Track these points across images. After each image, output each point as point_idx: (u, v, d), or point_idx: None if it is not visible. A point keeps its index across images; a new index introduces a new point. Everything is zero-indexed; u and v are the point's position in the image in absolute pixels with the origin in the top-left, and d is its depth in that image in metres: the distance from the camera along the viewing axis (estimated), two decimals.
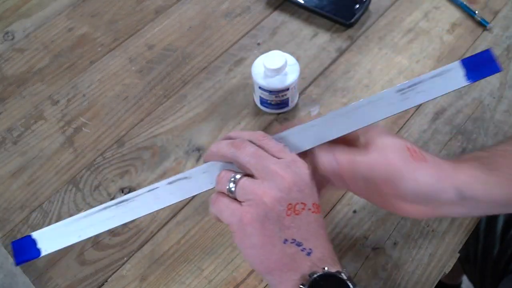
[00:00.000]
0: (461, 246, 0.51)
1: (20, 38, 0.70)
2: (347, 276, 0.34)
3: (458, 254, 0.50)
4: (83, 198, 0.55)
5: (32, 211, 0.55)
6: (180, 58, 0.67)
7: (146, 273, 0.51)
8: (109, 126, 0.61)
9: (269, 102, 0.58)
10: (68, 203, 0.55)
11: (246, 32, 0.69)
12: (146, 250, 0.52)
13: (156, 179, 0.56)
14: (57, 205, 0.55)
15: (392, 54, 0.66)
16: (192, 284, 0.50)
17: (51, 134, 0.61)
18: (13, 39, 0.70)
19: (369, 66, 0.65)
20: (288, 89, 0.56)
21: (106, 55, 0.68)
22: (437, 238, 0.51)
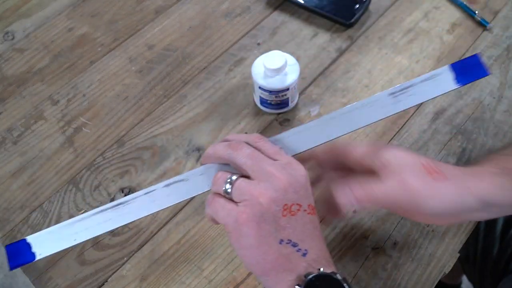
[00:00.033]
0: (461, 246, 0.51)
1: (20, 38, 0.70)
2: (342, 277, 0.34)
3: (458, 254, 0.50)
4: (83, 198, 0.55)
5: (32, 211, 0.55)
6: (180, 58, 0.67)
7: (146, 273, 0.51)
8: (109, 126, 0.61)
9: (269, 102, 0.58)
10: (68, 203, 0.55)
11: (246, 32, 0.69)
12: (146, 250, 0.52)
13: (156, 179, 0.56)
14: (57, 205, 0.55)
15: (392, 54, 0.66)
16: (192, 284, 0.50)
17: (51, 134, 0.61)
18: (13, 39, 0.70)
19: (369, 66, 0.65)
20: (288, 89, 0.56)
21: (106, 55, 0.68)
22: (437, 238, 0.51)
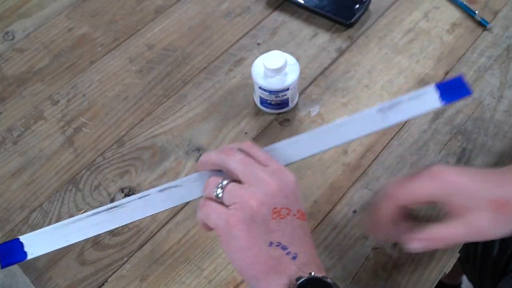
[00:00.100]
0: (461, 246, 0.51)
1: (20, 38, 0.70)
2: (333, 282, 0.35)
3: (458, 254, 0.50)
4: (83, 198, 0.55)
5: (32, 211, 0.55)
6: (180, 58, 0.67)
7: (146, 273, 0.51)
8: (109, 126, 0.61)
9: (269, 102, 0.58)
10: (68, 203, 0.55)
11: (246, 32, 0.69)
12: (146, 250, 0.52)
13: (156, 179, 0.56)
14: (57, 205, 0.55)
15: (392, 54, 0.66)
16: (192, 284, 0.50)
17: (51, 134, 0.61)
18: (13, 39, 0.70)
19: (369, 66, 0.65)
20: (288, 89, 0.56)
21: (106, 55, 0.68)
22: None
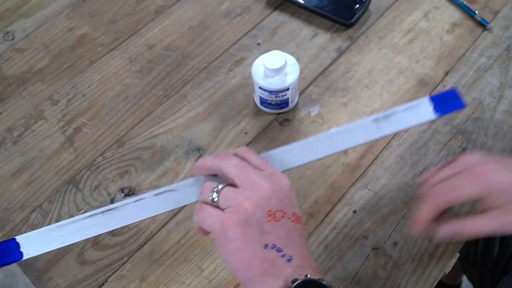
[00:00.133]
0: (461, 246, 0.51)
1: (20, 38, 0.70)
2: (329, 284, 0.35)
3: (458, 254, 0.50)
4: (83, 198, 0.55)
5: (32, 211, 0.55)
6: (180, 58, 0.67)
7: (146, 273, 0.51)
8: (109, 126, 0.61)
9: (269, 102, 0.58)
10: (68, 203, 0.55)
11: (246, 32, 0.69)
12: (146, 250, 0.52)
13: (156, 179, 0.56)
14: (57, 205, 0.55)
15: (392, 54, 0.66)
16: (192, 284, 0.50)
17: (51, 134, 0.61)
18: (13, 39, 0.70)
19: (369, 66, 0.65)
20: (288, 89, 0.56)
21: (106, 55, 0.68)
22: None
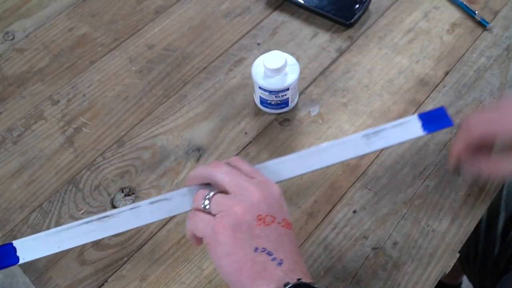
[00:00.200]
0: (461, 246, 0.51)
1: (20, 38, 0.70)
2: None
3: (458, 254, 0.50)
4: (83, 198, 0.55)
5: (32, 211, 0.55)
6: (180, 58, 0.67)
7: (146, 273, 0.51)
8: (109, 126, 0.61)
9: (269, 102, 0.58)
10: (68, 203, 0.55)
11: (246, 32, 0.69)
12: (146, 250, 0.52)
13: (156, 179, 0.56)
14: (57, 205, 0.55)
15: (392, 54, 0.66)
16: (192, 284, 0.50)
17: (51, 134, 0.61)
18: (13, 39, 0.70)
19: (369, 66, 0.65)
20: (288, 89, 0.56)
21: (106, 55, 0.68)
22: (437, 238, 0.51)
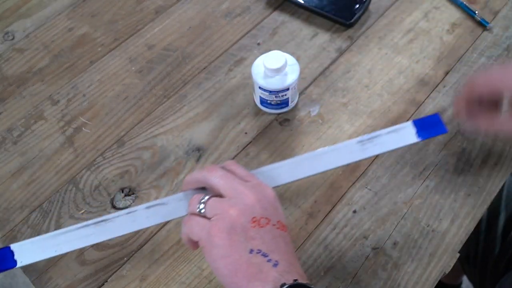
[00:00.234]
0: (461, 246, 0.51)
1: (20, 38, 0.70)
2: None
3: (458, 254, 0.50)
4: (83, 198, 0.55)
5: (32, 211, 0.55)
6: (180, 58, 0.67)
7: (146, 273, 0.51)
8: (109, 126, 0.61)
9: (269, 102, 0.58)
10: (68, 203, 0.55)
11: (246, 32, 0.69)
12: (146, 250, 0.52)
13: (156, 179, 0.56)
14: (57, 205, 0.55)
15: (392, 54, 0.66)
16: (192, 284, 0.50)
17: (51, 134, 0.61)
18: (13, 39, 0.70)
19: (369, 66, 0.65)
20: (288, 89, 0.56)
21: (106, 55, 0.68)
22: (437, 238, 0.51)
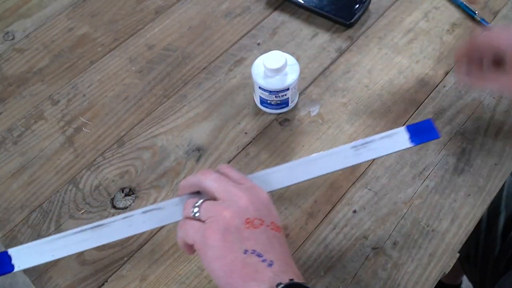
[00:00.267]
0: (461, 246, 0.51)
1: (20, 38, 0.70)
2: None
3: (458, 254, 0.50)
4: (83, 198, 0.56)
5: (32, 211, 0.55)
6: (180, 58, 0.67)
7: (146, 273, 0.51)
8: (109, 126, 0.61)
9: (269, 102, 0.58)
10: (68, 203, 0.55)
11: (246, 32, 0.69)
12: (146, 250, 0.52)
13: (156, 179, 0.56)
14: (57, 205, 0.55)
15: (392, 54, 0.66)
16: (192, 284, 0.50)
17: (51, 134, 0.61)
18: (13, 39, 0.70)
19: (369, 66, 0.65)
20: (288, 89, 0.56)
21: (106, 55, 0.68)
22: (437, 238, 0.51)
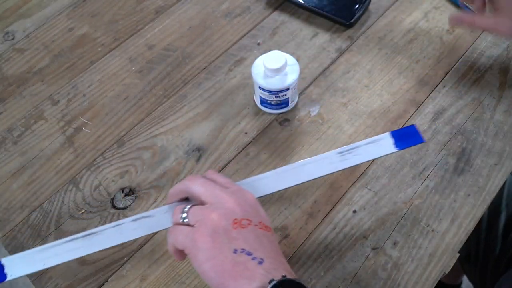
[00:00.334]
0: (461, 246, 0.51)
1: (20, 38, 0.70)
2: (307, 285, 0.35)
3: (458, 254, 0.50)
4: (83, 198, 0.56)
5: (32, 211, 0.55)
6: (180, 58, 0.67)
7: (146, 273, 0.51)
8: (109, 126, 0.61)
9: (269, 102, 0.58)
10: (68, 203, 0.55)
11: (246, 32, 0.69)
12: (146, 250, 0.52)
13: (156, 179, 0.56)
14: (57, 205, 0.55)
15: (392, 54, 0.66)
16: (192, 284, 0.50)
17: (51, 134, 0.61)
18: (13, 39, 0.70)
19: (369, 66, 0.65)
20: (288, 89, 0.56)
21: (106, 55, 0.68)
22: (437, 238, 0.51)
